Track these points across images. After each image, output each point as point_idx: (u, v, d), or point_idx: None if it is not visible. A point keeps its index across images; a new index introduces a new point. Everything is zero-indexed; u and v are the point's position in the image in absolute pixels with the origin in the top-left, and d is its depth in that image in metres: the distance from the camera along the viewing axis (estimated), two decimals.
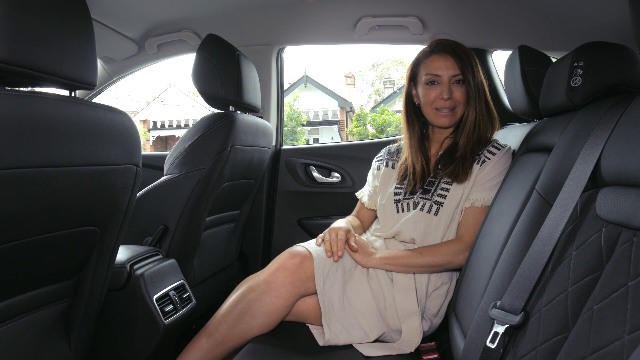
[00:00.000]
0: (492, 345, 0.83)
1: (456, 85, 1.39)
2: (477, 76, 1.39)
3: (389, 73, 20.72)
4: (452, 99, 1.39)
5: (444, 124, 1.42)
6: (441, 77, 1.39)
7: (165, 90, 15.45)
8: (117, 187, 1.00)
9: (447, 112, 1.40)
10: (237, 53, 1.66)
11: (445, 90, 1.38)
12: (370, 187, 1.62)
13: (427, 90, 1.41)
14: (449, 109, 1.40)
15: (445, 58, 1.39)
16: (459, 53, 1.39)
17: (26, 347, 0.98)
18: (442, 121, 1.41)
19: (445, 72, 1.39)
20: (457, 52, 1.39)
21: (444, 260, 1.31)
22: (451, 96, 1.38)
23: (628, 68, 0.99)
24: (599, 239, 0.70)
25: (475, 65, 1.39)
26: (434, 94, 1.40)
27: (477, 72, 1.39)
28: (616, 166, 0.72)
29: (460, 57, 1.38)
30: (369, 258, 1.34)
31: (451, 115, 1.40)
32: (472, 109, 1.39)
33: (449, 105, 1.39)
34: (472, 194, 1.36)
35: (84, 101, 0.89)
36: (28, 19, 0.78)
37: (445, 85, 1.38)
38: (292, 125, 13.90)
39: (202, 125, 1.61)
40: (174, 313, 1.35)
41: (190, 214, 1.59)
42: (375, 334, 1.29)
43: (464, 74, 1.38)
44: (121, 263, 1.27)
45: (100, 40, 2.04)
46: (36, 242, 0.88)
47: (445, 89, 1.38)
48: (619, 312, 0.58)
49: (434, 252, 1.32)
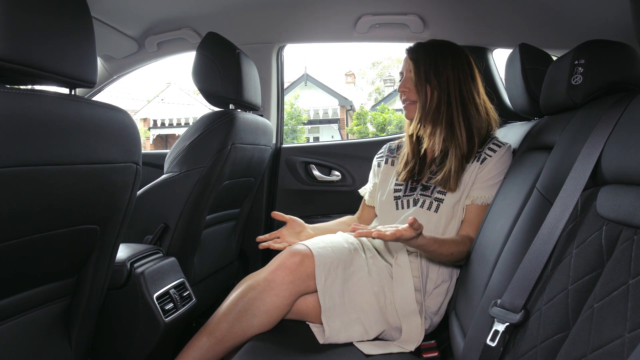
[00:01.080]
0: (492, 343, 0.83)
1: (411, 81, 1.45)
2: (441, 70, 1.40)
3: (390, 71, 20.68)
4: (409, 91, 1.45)
5: (408, 116, 1.49)
6: (403, 75, 1.49)
7: (166, 88, 15.44)
8: (117, 186, 1.00)
9: (407, 105, 1.47)
10: (237, 51, 1.66)
11: (402, 83, 1.48)
12: (370, 185, 1.63)
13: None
14: (407, 102, 1.47)
15: (405, 59, 1.48)
16: (414, 50, 1.46)
17: (27, 346, 0.98)
18: (407, 114, 1.49)
19: (405, 69, 1.48)
20: (412, 50, 1.46)
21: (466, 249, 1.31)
22: (407, 88, 1.46)
23: (629, 66, 0.98)
24: (599, 237, 0.70)
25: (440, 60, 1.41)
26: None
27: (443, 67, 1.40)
28: (617, 164, 0.72)
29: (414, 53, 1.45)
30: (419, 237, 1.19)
31: (411, 106, 1.46)
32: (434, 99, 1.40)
33: (406, 98, 1.47)
34: (472, 191, 1.36)
35: (84, 99, 0.88)
36: (28, 17, 0.78)
37: (403, 80, 1.48)
38: (293, 123, 13.88)
39: (203, 124, 1.61)
40: (174, 311, 1.35)
41: (191, 212, 1.59)
42: (376, 331, 1.29)
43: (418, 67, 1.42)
44: (121, 261, 1.27)
45: (100, 39, 2.04)
46: (36, 240, 0.88)
47: (402, 82, 1.48)
48: (620, 310, 0.58)
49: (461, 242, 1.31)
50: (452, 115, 1.39)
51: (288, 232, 1.51)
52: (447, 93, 1.39)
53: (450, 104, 1.39)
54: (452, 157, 1.37)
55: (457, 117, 1.39)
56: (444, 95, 1.39)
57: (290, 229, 1.52)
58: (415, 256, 1.36)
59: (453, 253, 1.27)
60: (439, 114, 1.40)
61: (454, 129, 1.39)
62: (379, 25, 2.04)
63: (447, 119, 1.39)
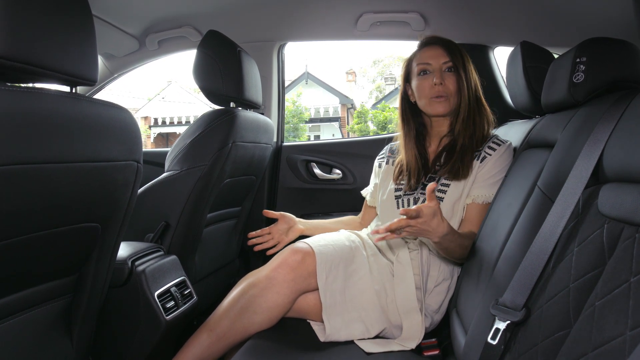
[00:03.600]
0: (493, 341, 0.83)
1: (448, 73, 1.41)
2: (469, 69, 1.41)
3: (390, 70, 20.66)
4: (445, 85, 1.40)
5: (439, 111, 1.41)
6: (432, 65, 1.42)
7: (166, 86, 15.44)
8: (118, 184, 1.00)
9: (441, 99, 1.40)
10: (238, 49, 1.66)
11: (437, 75, 1.40)
12: (372, 186, 1.63)
13: (421, 81, 1.43)
14: (442, 96, 1.40)
15: (435, 48, 1.43)
16: (449, 44, 1.43)
17: (28, 344, 0.98)
18: (438, 108, 1.41)
19: (436, 61, 1.42)
20: (446, 43, 1.43)
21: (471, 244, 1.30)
22: (443, 82, 1.40)
23: (631, 64, 0.98)
24: (601, 235, 0.70)
25: (466, 60, 1.42)
26: (427, 83, 1.42)
27: (468, 66, 1.42)
28: (619, 162, 0.72)
29: (450, 48, 1.42)
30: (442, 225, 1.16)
31: (445, 102, 1.40)
32: (465, 98, 1.40)
33: (442, 91, 1.40)
34: (472, 190, 1.36)
35: (84, 97, 0.88)
36: (29, 14, 0.78)
37: (437, 71, 1.41)
38: (295, 122, 13.88)
39: (203, 122, 1.61)
40: (176, 309, 1.35)
41: (192, 210, 1.59)
42: (377, 329, 1.29)
43: (454, 62, 1.40)
44: (122, 259, 1.27)
45: (101, 37, 2.03)
46: (37, 238, 0.88)
47: (437, 74, 1.40)
48: (621, 308, 0.58)
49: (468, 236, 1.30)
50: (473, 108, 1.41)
51: (278, 227, 1.58)
52: (473, 86, 1.41)
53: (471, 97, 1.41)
54: (462, 147, 1.39)
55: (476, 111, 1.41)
56: (471, 88, 1.41)
57: (281, 225, 1.58)
58: (417, 254, 1.36)
59: (466, 246, 1.27)
60: (469, 106, 1.41)
61: (474, 121, 1.40)
62: (380, 23, 2.04)
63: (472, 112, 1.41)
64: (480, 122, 1.41)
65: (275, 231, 1.57)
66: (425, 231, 1.13)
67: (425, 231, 1.13)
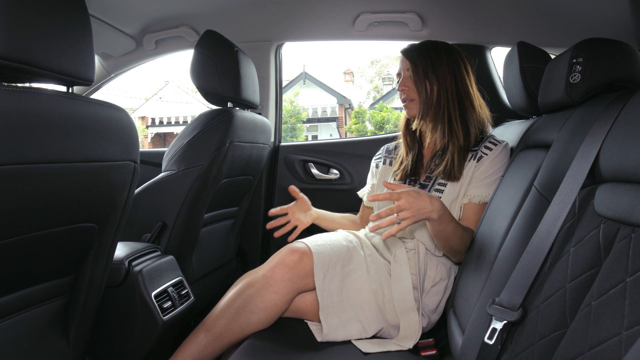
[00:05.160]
0: (490, 341, 0.83)
1: (409, 79, 1.47)
2: (439, 73, 1.43)
3: (388, 70, 20.70)
4: (407, 90, 1.47)
5: (409, 114, 1.50)
6: (401, 74, 1.50)
7: (164, 86, 15.43)
8: (114, 184, 0.99)
9: (407, 103, 1.49)
10: (236, 49, 1.66)
11: (401, 82, 1.49)
12: (368, 186, 1.64)
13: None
14: (405, 100, 1.49)
15: (402, 59, 1.50)
16: (409, 51, 1.48)
17: (24, 344, 0.98)
18: (408, 112, 1.50)
19: (402, 69, 1.50)
20: (407, 50, 1.49)
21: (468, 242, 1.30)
22: (404, 87, 1.48)
23: (627, 64, 0.99)
24: (597, 235, 0.70)
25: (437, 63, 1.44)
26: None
27: (439, 69, 1.43)
28: (615, 163, 0.72)
29: (409, 54, 1.47)
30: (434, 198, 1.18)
31: (411, 104, 1.48)
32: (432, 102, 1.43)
33: (405, 97, 1.48)
34: (469, 190, 1.37)
35: (81, 97, 0.88)
36: (25, 14, 0.78)
37: (402, 78, 1.49)
38: (292, 122, 13.88)
39: (201, 122, 1.61)
40: (173, 309, 1.35)
41: (189, 210, 1.59)
42: (374, 329, 1.29)
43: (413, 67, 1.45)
44: (119, 259, 1.27)
45: (98, 36, 2.03)
46: (34, 238, 0.88)
47: (401, 80, 1.49)
48: (617, 308, 0.58)
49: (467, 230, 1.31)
50: (449, 109, 1.42)
51: (297, 208, 1.58)
52: (445, 88, 1.43)
53: (448, 98, 1.42)
54: (453, 148, 1.40)
55: (454, 111, 1.42)
56: (442, 90, 1.42)
57: (300, 205, 1.59)
58: (414, 253, 1.37)
59: (463, 235, 1.27)
60: (440, 108, 1.42)
61: (452, 123, 1.41)
62: (378, 24, 2.04)
63: (447, 113, 1.42)
64: (472, 121, 1.42)
65: (293, 211, 1.57)
66: (422, 209, 1.14)
67: (422, 209, 1.14)
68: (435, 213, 1.16)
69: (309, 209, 1.61)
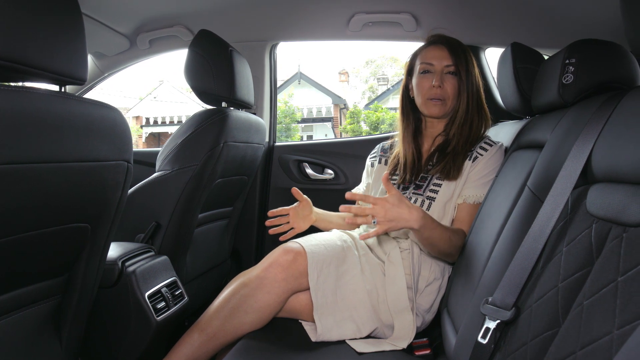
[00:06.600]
0: (483, 340, 0.83)
1: (449, 76, 1.41)
2: (472, 72, 1.41)
3: (383, 70, 20.71)
4: (443, 88, 1.40)
5: (434, 113, 1.42)
6: (434, 67, 1.41)
7: (158, 86, 15.36)
8: (108, 184, 0.99)
9: (437, 102, 1.40)
10: (230, 49, 1.65)
11: (437, 78, 1.39)
12: (363, 185, 1.63)
13: (420, 80, 1.43)
14: (439, 99, 1.40)
15: (440, 49, 1.42)
16: (454, 46, 1.42)
17: (16, 345, 0.97)
18: (432, 110, 1.42)
19: (439, 62, 1.41)
20: (452, 45, 1.42)
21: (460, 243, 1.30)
22: (442, 85, 1.40)
23: (619, 65, 0.99)
24: (589, 235, 0.70)
25: (470, 61, 1.42)
26: (426, 83, 1.41)
27: (472, 68, 1.42)
28: (607, 163, 0.72)
29: (455, 50, 1.41)
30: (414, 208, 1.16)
31: (441, 105, 1.41)
32: (464, 102, 1.40)
33: (439, 94, 1.40)
34: (464, 190, 1.37)
35: (74, 96, 0.88)
36: (18, 13, 0.77)
37: (437, 74, 1.40)
38: (287, 122, 13.86)
39: (195, 122, 1.60)
40: (166, 310, 1.34)
41: (183, 210, 1.59)
42: (368, 329, 1.29)
43: (457, 66, 1.40)
44: (113, 260, 1.26)
45: (91, 36, 2.02)
46: (26, 238, 0.87)
47: (437, 77, 1.40)
48: (609, 307, 0.58)
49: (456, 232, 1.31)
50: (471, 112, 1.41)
51: (298, 212, 1.51)
52: (477, 89, 1.42)
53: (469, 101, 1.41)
54: (457, 147, 1.39)
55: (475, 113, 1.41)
56: (473, 90, 1.41)
57: (301, 209, 1.52)
58: (408, 253, 1.37)
59: (451, 239, 1.26)
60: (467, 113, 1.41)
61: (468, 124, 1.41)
62: (372, 24, 2.04)
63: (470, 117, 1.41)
64: (478, 124, 1.42)
65: (295, 213, 1.50)
66: (396, 218, 1.13)
67: (398, 218, 1.13)
68: (416, 223, 1.15)
69: (310, 213, 1.54)
